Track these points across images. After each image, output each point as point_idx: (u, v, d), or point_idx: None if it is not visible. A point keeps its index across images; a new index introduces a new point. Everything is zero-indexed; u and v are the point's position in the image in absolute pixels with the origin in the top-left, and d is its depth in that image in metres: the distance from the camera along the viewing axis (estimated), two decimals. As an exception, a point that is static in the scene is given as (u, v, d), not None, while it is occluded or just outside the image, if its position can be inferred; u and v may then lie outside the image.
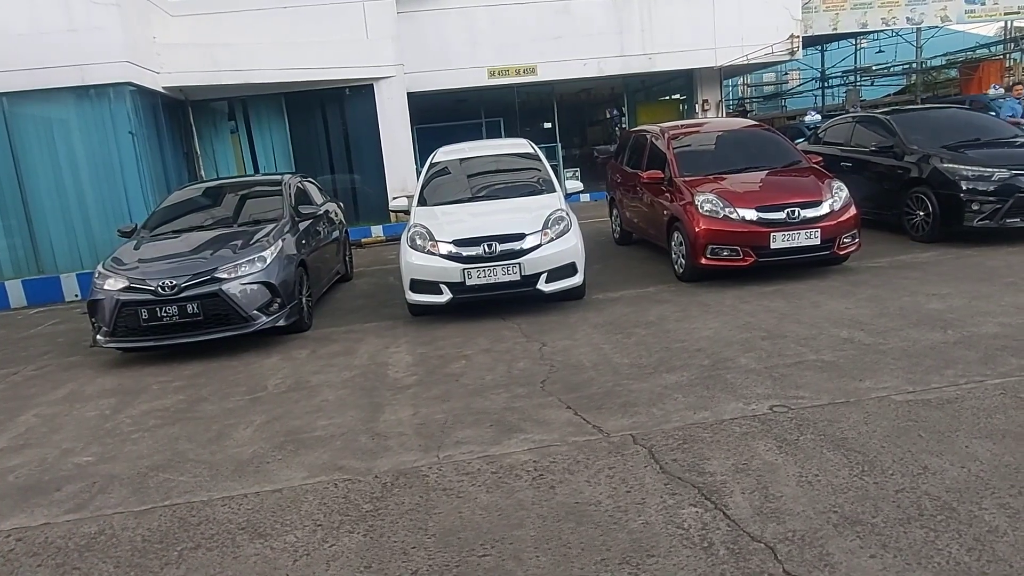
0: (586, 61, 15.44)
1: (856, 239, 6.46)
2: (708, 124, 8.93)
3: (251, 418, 4.20)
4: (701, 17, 15.49)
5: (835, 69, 27.63)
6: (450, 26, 15.13)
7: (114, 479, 3.52)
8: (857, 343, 4.46)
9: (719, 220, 6.34)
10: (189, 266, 5.69)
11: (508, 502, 2.90)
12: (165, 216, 6.87)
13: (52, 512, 3.23)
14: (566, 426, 3.62)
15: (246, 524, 2.94)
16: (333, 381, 4.77)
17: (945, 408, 3.38)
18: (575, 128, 25.42)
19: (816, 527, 2.51)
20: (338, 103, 14.21)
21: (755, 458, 3.06)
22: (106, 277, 5.71)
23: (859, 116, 9.31)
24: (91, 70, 9.62)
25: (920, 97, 21.40)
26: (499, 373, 4.59)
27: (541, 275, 5.91)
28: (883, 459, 2.95)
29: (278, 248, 6.06)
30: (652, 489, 2.89)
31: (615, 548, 2.50)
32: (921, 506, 2.58)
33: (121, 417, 4.47)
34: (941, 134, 7.76)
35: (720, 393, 3.85)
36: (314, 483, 3.25)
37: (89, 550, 2.86)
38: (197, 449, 3.81)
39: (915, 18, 16.61)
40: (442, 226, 6.16)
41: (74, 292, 9.46)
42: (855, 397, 3.61)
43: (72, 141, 9.95)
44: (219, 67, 12.21)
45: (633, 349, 4.82)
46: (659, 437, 3.37)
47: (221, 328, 5.62)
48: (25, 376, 5.72)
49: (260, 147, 13.98)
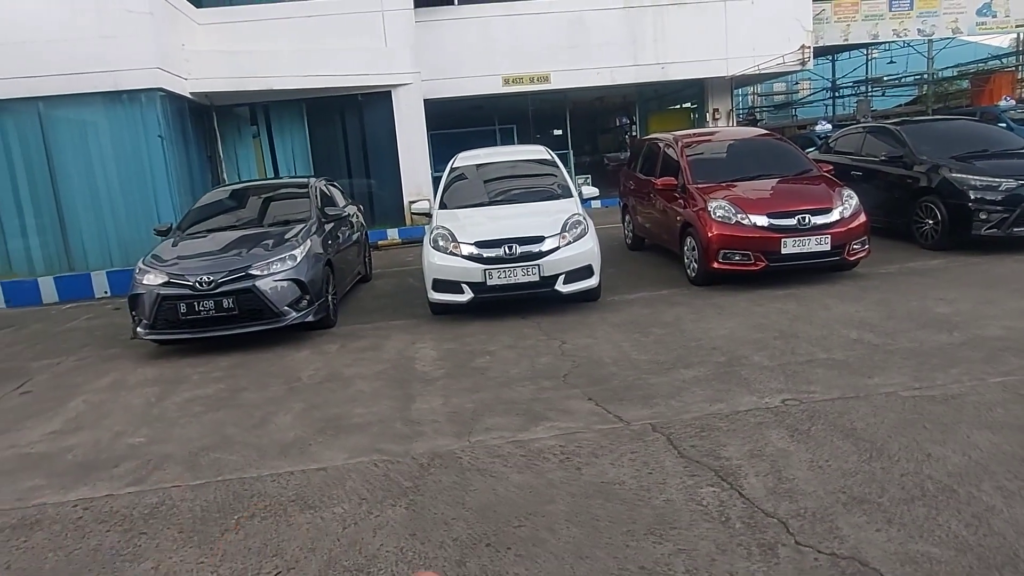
0: (599, 70, 15.71)
1: (866, 245, 6.66)
2: (720, 133, 9.17)
3: (290, 406, 4.45)
4: (713, 27, 15.73)
5: (846, 79, 27.80)
6: (466, 35, 15.45)
7: (167, 458, 3.77)
8: (866, 343, 4.67)
9: (731, 226, 6.55)
10: (225, 263, 5.96)
11: (539, 481, 3.13)
12: (199, 216, 7.16)
13: (113, 485, 3.48)
14: (589, 415, 3.84)
15: (295, 497, 3.18)
16: (365, 373, 5.01)
17: (949, 403, 3.59)
18: (587, 136, 25.67)
19: (826, 505, 2.72)
20: (356, 109, 14.52)
21: (769, 445, 3.28)
22: (146, 272, 5.99)
23: (869, 126, 9.51)
24: (124, 76, 9.96)
25: (931, 108, 21.55)
26: (523, 367, 4.82)
27: (559, 276, 6.14)
28: (890, 447, 3.16)
29: (307, 247, 6.32)
30: (672, 471, 3.11)
31: (640, 521, 2.72)
32: (924, 488, 2.79)
33: (166, 404, 4.73)
34: (950, 145, 7.95)
35: (735, 387, 4.06)
36: (355, 463, 3.49)
37: (153, 517, 3.10)
38: (242, 433, 4.06)
39: (926, 29, 16.80)
40: (464, 228, 6.40)
41: (104, 289, 9.76)
42: (864, 392, 3.82)
43: (103, 144, 10.28)
44: (243, 73, 12.56)
45: (651, 347, 5.04)
46: (678, 426, 3.59)
47: (254, 322, 5.89)
48: (68, 366, 6.00)
49: (281, 151, 14.31)
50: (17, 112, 9.97)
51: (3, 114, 9.95)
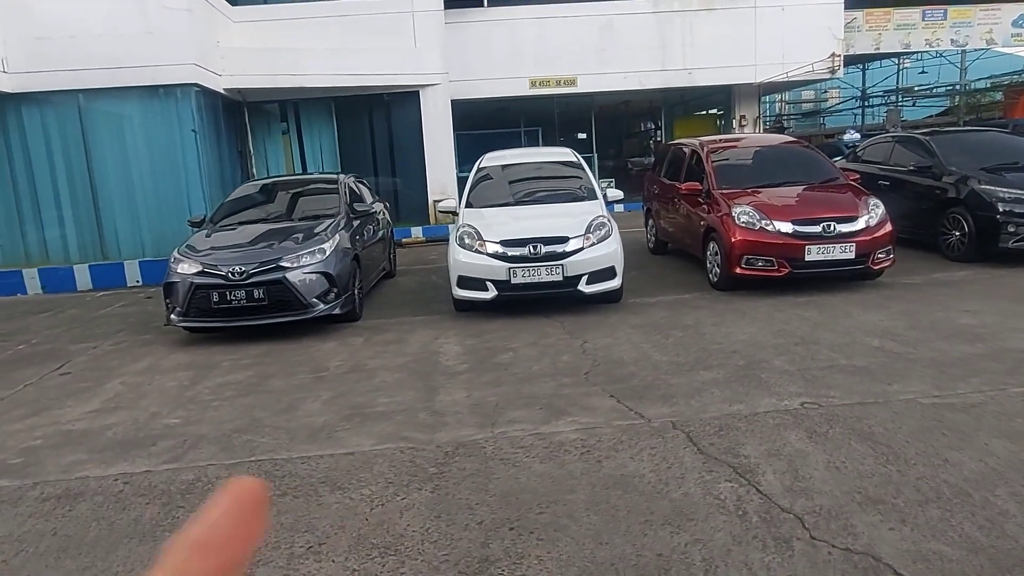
0: (627, 74, 15.76)
1: (891, 255, 6.66)
2: (747, 139, 9.19)
3: (317, 393, 4.59)
4: (742, 34, 15.71)
5: (876, 88, 27.51)
6: (495, 37, 15.59)
7: (202, 438, 3.93)
8: (888, 351, 4.69)
9: (755, 231, 6.59)
10: (256, 255, 6.14)
11: (560, 472, 3.22)
12: (232, 208, 7.36)
13: (151, 462, 3.64)
14: (610, 412, 3.93)
15: (325, 479, 3.31)
16: (389, 365, 5.14)
17: (969, 411, 3.61)
18: (611, 140, 25.69)
19: (842, 504, 2.78)
20: (384, 108, 14.74)
21: (787, 446, 3.34)
22: (181, 262, 6.18)
23: (898, 136, 9.46)
24: (161, 71, 10.23)
25: (963, 120, 21.26)
26: (545, 364, 4.91)
27: (582, 277, 6.23)
28: (907, 452, 3.20)
29: (336, 242, 6.47)
30: (691, 467, 3.18)
31: (658, 512, 2.81)
32: (939, 491, 2.83)
33: (199, 388, 4.90)
34: (980, 156, 7.91)
35: (755, 390, 4.12)
36: (382, 449, 3.61)
37: (190, 493, 3.25)
38: (272, 417, 4.20)
39: (959, 40, 16.60)
40: (490, 227, 6.51)
41: (136, 278, 10.03)
42: (883, 398, 3.86)
43: (139, 137, 10.56)
44: (275, 71, 12.81)
45: (671, 348, 5.10)
46: (697, 424, 3.66)
47: (283, 313, 6.05)
48: (104, 350, 6.21)
49: (309, 148, 14.57)
50: (58, 104, 10.29)
51: (45, 106, 10.28)
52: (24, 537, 2.95)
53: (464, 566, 2.53)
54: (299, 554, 2.68)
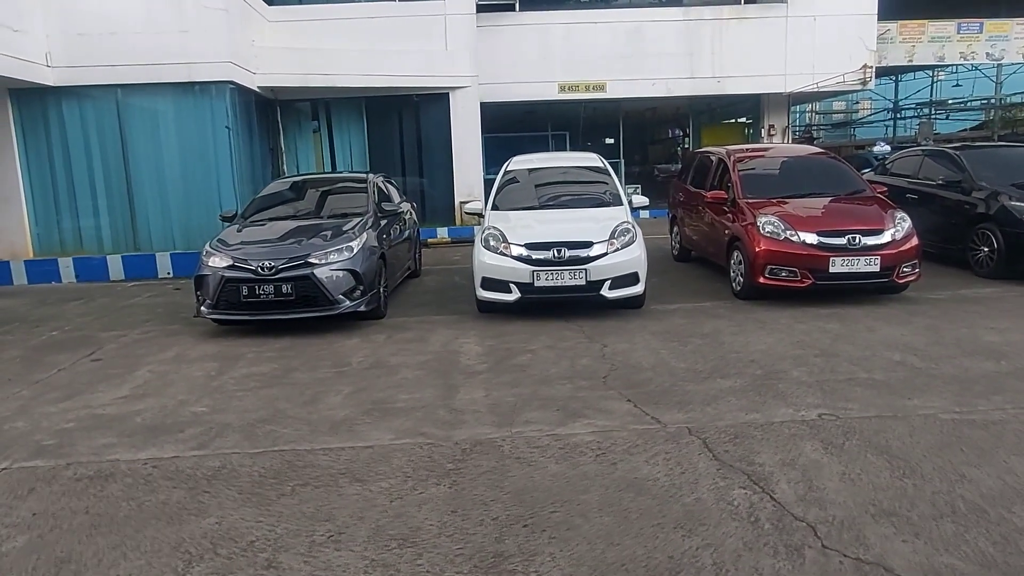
0: (655, 81, 15.75)
1: (916, 269, 6.60)
2: (773, 149, 9.15)
3: (339, 388, 4.69)
4: (773, 42, 15.61)
5: (909, 100, 27.10)
6: (525, 41, 15.68)
7: (227, 427, 4.04)
8: (909, 366, 4.67)
9: (780, 242, 6.57)
10: (285, 250, 6.27)
11: (574, 472, 3.27)
12: (262, 204, 7.52)
13: (179, 448, 3.76)
14: (626, 416, 3.97)
15: (345, 470, 3.39)
16: (410, 363, 5.23)
17: (989, 428, 3.59)
18: (638, 146, 25.66)
19: (855, 515, 2.79)
20: (414, 109, 14.88)
21: (802, 456, 3.35)
22: (212, 255, 6.34)
23: (928, 149, 9.36)
24: (197, 68, 10.48)
25: (997, 134, 20.87)
26: (563, 367, 4.96)
27: (605, 282, 6.26)
28: (924, 467, 3.20)
29: (363, 240, 6.58)
30: (705, 472, 3.21)
31: (670, 516, 2.84)
32: (955, 506, 2.83)
33: (225, 378, 5.03)
34: (1011, 172, 7.80)
35: (771, 399, 4.13)
36: (401, 443, 3.69)
37: (215, 479, 3.36)
38: (295, 409, 4.31)
39: (995, 54, 16.32)
40: (515, 230, 6.57)
41: (167, 270, 10.28)
42: (902, 413, 3.85)
43: (174, 132, 10.82)
44: (308, 70, 13.03)
45: (689, 356, 5.12)
46: (712, 431, 3.68)
47: (310, 308, 6.17)
48: (133, 339, 6.38)
49: (339, 147, 14.77)
50: (97, 98, 10.59)
51: (84, 99, 10.58)
52: (58, 514, 3.08)
53: (479, 560, 2.59)
54: (320, 542, 2.76)
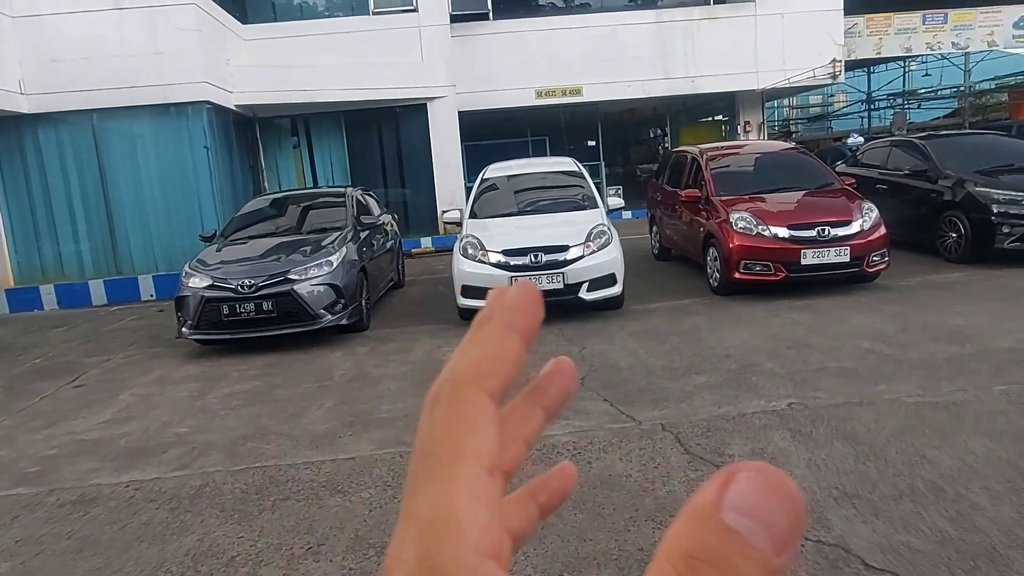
0: (631, 83, 15.90)
1: (885, 257, 6.74)
2: (745, 146, 9.31)
3: (322, 402, 4.75)
4: (743, 41, 15.82)
5: (881, 92, 27.49)
6: (501, 49, 15.79)
7: (210, 446, 4.09)
8: (878, 353, 4.78)
9: (752, 237, 6.70)
10: (265, 268, 6.32)
11: (550, 473, 3.34)
12: (241, 223, 7.57)
13: (161, 469, 3.80)
14: (603, 415, 4.05)
15: (327, 483, 3.46)
16: (393, 374, 5.30)
17: (951, 410, 3.71)
18: (619, 147, 25.82)
19: (819, 499, 2.89)
20: (393, 121, 14.97)
21: (771, 445, 3.45)
22: (192, 276, 6.38)
23: (896, 140, 9.55)
24: (173, 89, 10.52)
25: (968, 121, 21.21)
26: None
27: (583, 284, 6.36)
28: (887, 450, 3.30)
29: (343, 254, 6.65)
30: (677, 466, 3.30)
31: (642, 509, 2.93)
32: (914, 487, 2.93)
33: (208, 398, 5.07)
34: (975, 159, 7.98)
35: (744, 392, 4.23)
36: (382, 454, 3.76)
37: (198, 497, 3.41)
38: (278, 425, 4.36)
39: (960, 42, 16.62)
40: (492, 237, 6.66)
41: (149, 292, 10.28)
42: (869, 399, 3.96)
43: (152, 154, 10.84)
44: (285, 87, 13.09)
45: (667, 354, 5.22)
46: (686, 426, 3.78)
47: (291, 324, 6.23)
48: (117, 363, 6.41)
49: (319, 161, 14.83)
50: (73, 124, 10.60)
51: (60, 125, 10.58)
52: (42, 540, 3.12)
53: (455, 562, 2.66)
54: (299, 555, 2.82)
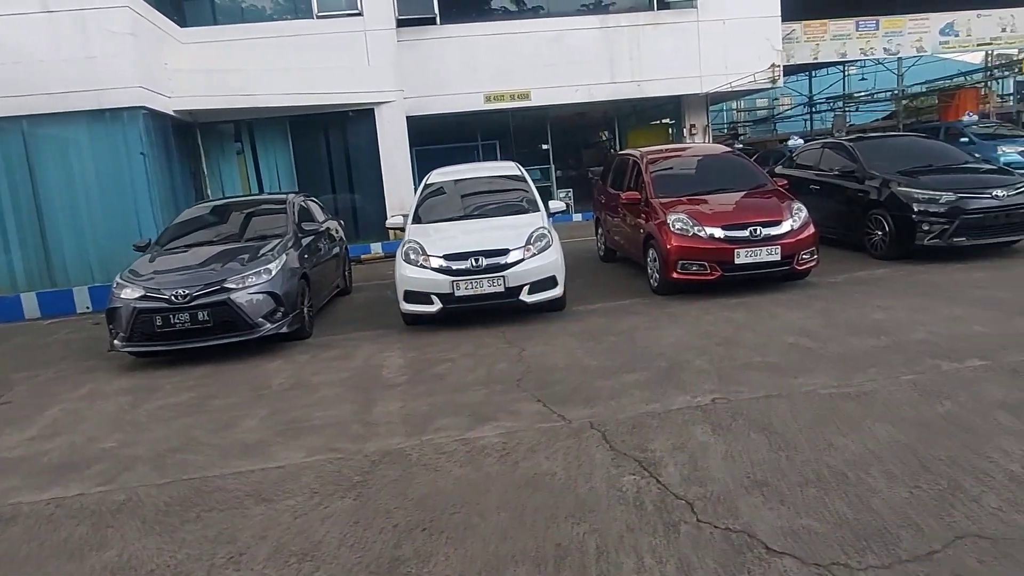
0: (577, 87, 16.12)
1: (815, 256, 7.00)
2: (683, 149, 9.55)
3: (256, 411, 4.70)
4: (687, 47, 16.21)
5: (822, 95, 28.46)
6: (449, 54, 15.83)
7: (137, 459, 4.01)
8: (801, 348, 4.98)
9: (689, 238, 6.88)
10: (200, 277, 6.21)
11: (477, 475, 3.40)
12: (178, 232, 7.42)
13: (84, 485, 3.72)
14: (534, 415, 4.12)
15: (252, 492, 3.43)
16: (331, 381, 5.27)
17: (861, 399, 3.89)
18: (571, 150, 26.05)
19: (731, 489, 3.00)
20: (340, 126, 14.85)
21: (692, 439, 3.57)
22: (123, 287, 6.23)
23: (827, 142, 9.92)
24: (107, 95, 10.23)
25: (902, 123, 22.12)
26: (480, 373, 5.09)
27: (524, 287, 6.43)
28: (798, 439, 3.45)
29: (282, 261, 6.58)
30: (600, 463, 3.39)
31: (563, 507, 3.00)
32: (820, 473, 3.08)
33: (139, 411, 4.97)
34: (899, 160, 8.35)
35: (672, 389, 4.35)
36: (311, 461, 3.75)
37: (120, 512, 3.35)
38: (208, 436, 4.31)
39: (892, 48, 17.37)
40: (434, 242, 6.69)
41: (85, 304, 9.96)
42: (787, 392, 4.12)
43: (86, 161, 10.51)
44: (227, 91, 12.87)
45: (603, 354, 5.32)
46: (613, 424, 3.87)
47: (229, 334, 6.13)
48: (47, 378, 6.21)
49: (265, 167, 14.60)
50: (3, 130, 10.20)
51: (-11, 132, 10.19)
52: (-48, 562, 3.02)
53: (376, 567, 2.69)
54: (220, 564, 2.81)
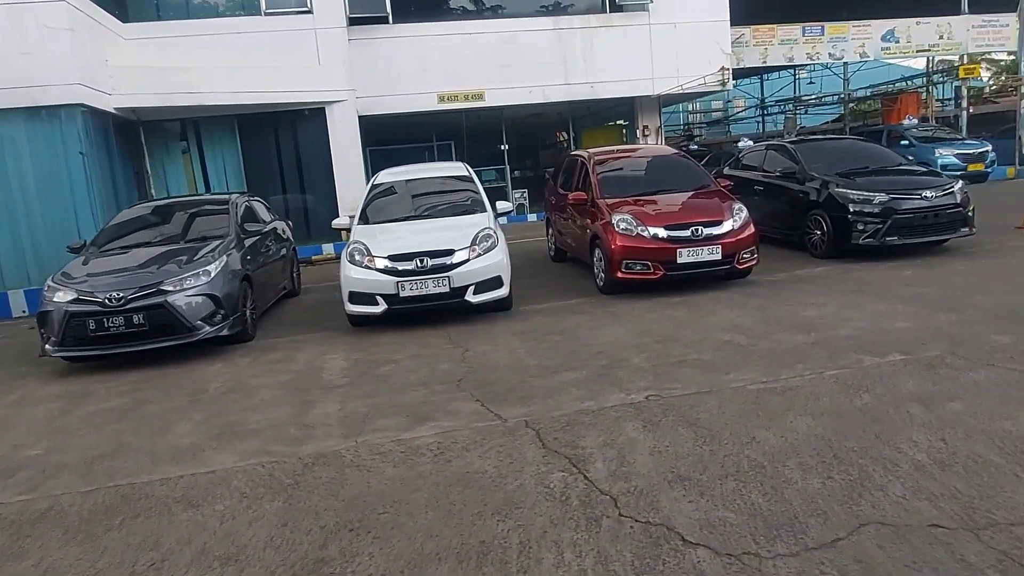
0: (531, 88, 16.22)
1: (755, 255, 7.19)
2: (631, 150, 9.70)
3: (191, 416, 4.62)
4: (639, 49, 16.46)
5: (773, 98, 29.21)
6: (401, 53, 15.75)
7: (63, 467, 3.91)
8: (734, 345, 5.12)
9: (632, 238, 7.00)
10: (135, 279, 6.07)
11: (410, 474, 3.41)
12: (114, 233, 7.22)
13: (5, 495, 3.61)
14: (471, 415, 4.15)
15: (181, 498, 3.38)
16: (270, 384, 5.21)
17: (785, 394, 4.03)
18: (528, 151, 26.20)
19: (654, 483, 3.08)
20: (290, 125, 14.64)
21: (621, 436, 3.64)
22: (55, 290, 6.05)
23: (770, 144, 10.20)
24: (43, 91, 9.90)
25: (848, 126, 22.87)
26: (422, 374, 5.10)
27: (469, 287, 6.46)
28: (723, 433, 3.56)
29: (222, 263, 6.47)
30: (531, 460, 3.44)
31: (491, 504, 3.03)
32: (740, 466, 3.18)
33: (69, 417, 4.83)
34: (837, 162, 8.65)
35: (608, 386, 4.43)
36: (244, 465, 3.71)
37: (40, 521, 3.26)
38: (140, 441, 4.22)
39: (836, 53, 17.95)
40: (379, 243, 6.67)
41: (22, 308, 9.61)
42: (717, 387, 4.24)
43: (22, 160, 10.14)
44: (171, 89, 12.57)
45: (544, 353, 5.38)
46: (547, 422, 3.93)
47: (166, 338, 6.00)
48: (-26, 384, 5.98)
49: (212, 167, 14.29)
50: (-69, 128, 9.79)
51: (-85, 130, 9.75)
52: None
53: (299, 568, 2.68)
54: (140, 571, 2.76)
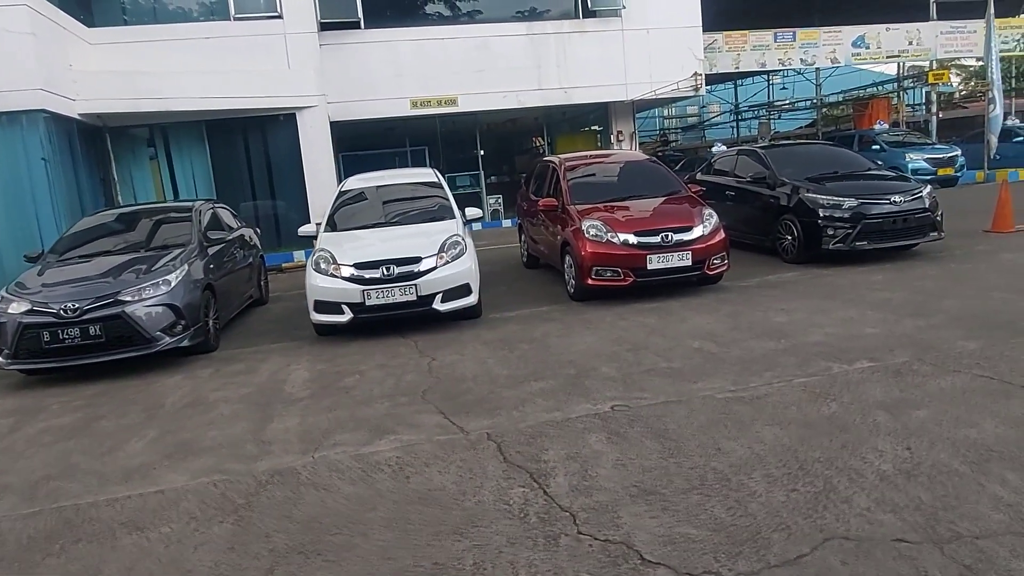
0: (505, 94, 16.15)
1: (725, 260, 7.18)
2: (603, 156, 9.67)
3: (145, 432, 4.45)
4: (613, 55, 16.48)
5: (747, 103, 29.50)
6: (373, 58, 15.60)
7: (5, 489, 3.73)
8: (705, 352, 5.08)
9: (603, 244, 6.94)
10: (92, 289, 5.87)
11: (368, 492, 3.30)
12: (73, 242, 7.00)
13: (-61, 520, 3.43)
14: (434, 428, 4.05)
15: (127, 521, 3.23)
16: (230, 397, 5.06)
17: (754, 403, 3.98)
18: (503, 157, 26.14)
19: (617, 498, 3.01)
20: (260, 131, 14.41)
21: (586, 448, 3.56)
22: (9, 301, 5.84)
23: (741, 149, 10.23)
24: (3, 97, 9.64)
25: (821, 131, 23.14)
26: (387, 386, 4.98)
27: (437, 295, 6.35)
28: (689, 444, 3.49)
29: (183, 272, 6.30)
30: (492, 475, 3.34)
31: (449, 522, 2.93)
32: (705, 478, 3.12)
33: (16, 436, 4.64)
34: (807, 167, 8.68)
35: (576, 396, 4.35)
36: (195, 484, 3.56)
37: (-27, 549, 3.09)
38: (89, 461, 4.05)
39: (808, 59, 18.16)
40: (345, 251, 6.54)
41: (-22, 319, 9.30)
42: (686, 396, 4.18)
43: (-19, 167, 9.86)
44: (137, 94, 12.30)
45: (514, 362, 5.29)
46: (511, 434, 3.83)
47: (124, 349, 5.82)
48: (-80, 401, 5.74)
49: (180, 174, 14.01)
50: None
51: None
52: None
53: (245, 595, 2.56)
54: (76, 600, 2.62)
